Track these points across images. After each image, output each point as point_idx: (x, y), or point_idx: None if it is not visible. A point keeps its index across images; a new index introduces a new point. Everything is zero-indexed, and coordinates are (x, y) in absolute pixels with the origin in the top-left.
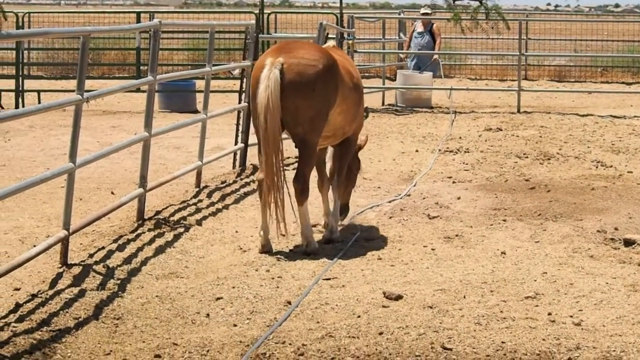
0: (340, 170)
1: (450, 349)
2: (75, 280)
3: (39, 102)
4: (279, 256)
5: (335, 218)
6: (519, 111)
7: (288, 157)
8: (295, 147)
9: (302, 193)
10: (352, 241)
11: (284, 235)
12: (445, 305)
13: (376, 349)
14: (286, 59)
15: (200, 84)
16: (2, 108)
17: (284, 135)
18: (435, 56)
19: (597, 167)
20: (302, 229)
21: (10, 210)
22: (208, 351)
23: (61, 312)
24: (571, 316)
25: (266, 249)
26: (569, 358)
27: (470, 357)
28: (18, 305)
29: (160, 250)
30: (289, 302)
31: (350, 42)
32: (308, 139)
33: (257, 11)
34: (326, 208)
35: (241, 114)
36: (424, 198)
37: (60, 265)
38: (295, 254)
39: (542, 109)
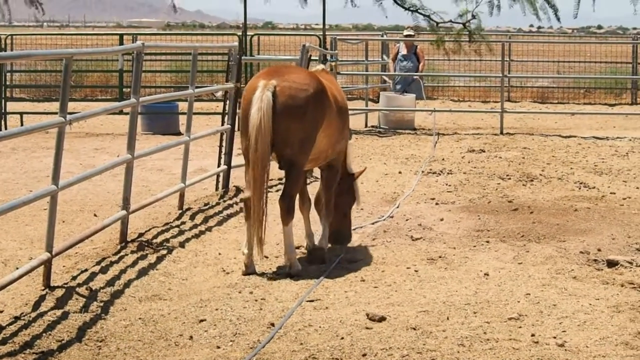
0: (328, 195)
1: None
2: (58, 302)
3: (22, 125)
4: (262, 278)
5: (324, 241)
6: (501, 133)
7: (272, 179)
8: (280, 168)
9: (288, 213)
10: (335, 263)
11: (266, 257)
12: (429, 326)
13: None
14: (279, 82)
15: (183, 106)
16: None
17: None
18: (417, 77)
19: (580, 189)
20: (286, 250)
21: None
22: None
23: (44, 334)
24: (554, 337)
25: (250, 270)
26: None
27: None
28: (1, 328)
29: (143, 273)
30: (273, 324)
31: (333, 63)
32: (296, 160)
33: (240, 33)
34: (307, 229)
35: (224, 136)
36: (407, 220)
37: (43, 288)
38: (278, 276)
39: (525, 130)
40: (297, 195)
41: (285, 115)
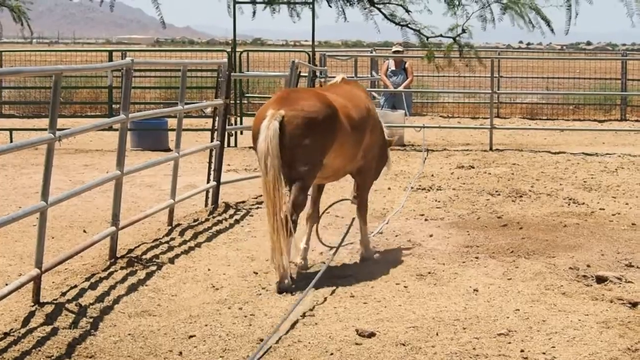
0: (362, 199)
1: None
2: (47, 318)
3: (11, 141)
4: (251, 294)
5: (365, 241)
6: (491, 149)
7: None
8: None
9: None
10: (321, 272)
11: (255, 274)
12: (418, 342)
13: None
14: (287, 111)
15: (172, 123)
16: None
17: None
18: (406, 93)
19: (569, 205)
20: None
21: None
22: None
23: (34, 350)
24: (544, 353)
25: (283, 285)
26: None
27: None
28: None
29: (132, 289)
30: (262, 340)
31: (321, 80)
32: (302, 182)
33: (229, 49)
34: (306, 241)
35: (213, 152)
36: (396, 236)
37: (32, 304)
38: (268, 292)
39: (514, 146)
40: (310, 206)
41: (291, 144)
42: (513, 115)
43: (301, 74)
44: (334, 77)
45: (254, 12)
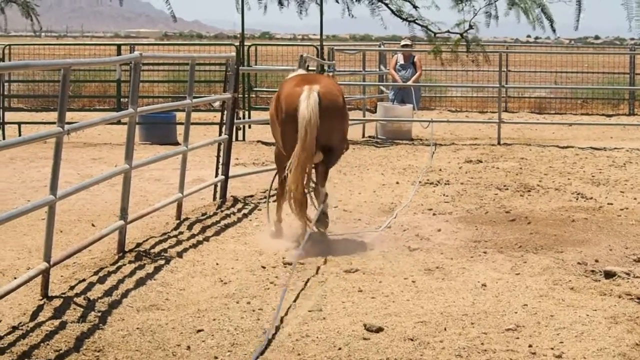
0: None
1: None
2: (56, 312)
3: (20, 135)
4: (259, 288)
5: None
6: (499, 143)
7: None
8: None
9: (324, 179)
10: (307, 236)
11: (263, 268)
12: (426, 337)
13: None
14: (320, 89)
15: (180, 116)
16: None
17: None
18: (415, 86)
19: (577, 199)
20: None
21: None
22: None
23: (42, 344)
24: (552, 348)
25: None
26: None
27: None
28: None
29: (140, 283)
30: (272, 335)
31: (330, 74)
32: (336, 149)
33: (237, 43)
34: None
35: (222, 146)
36: (404, 230)
37: (41, 298)
38: (276, 286)
39: (522, 141)
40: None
41: (329, 116)
42: (521, 110)
43: (309, 68)
44: (342, 71)
45: (265, 7)
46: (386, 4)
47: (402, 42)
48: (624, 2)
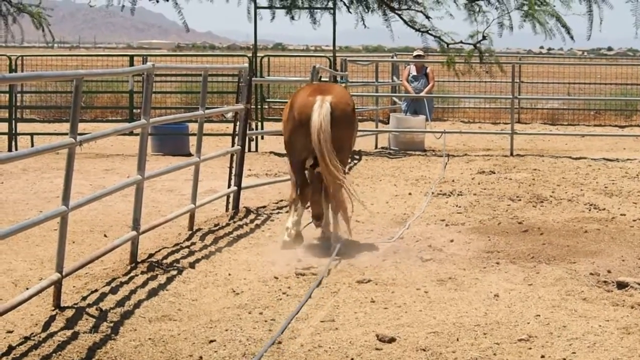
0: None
1: None
2: (68, 323)
3: (32, 145)
4: (272, 299)
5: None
6: (512, 154)
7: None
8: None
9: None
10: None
11: (276, 278)
12: (439, 347)
13: None
14: (332, 99)
15: (193, 127)
16: None
17: None
18: (428, 97)
19: (590, 210)
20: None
21: (3, 253)
22: None
23: (54, 355)
24: (564, 359)
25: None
26: None
27: None
28: (11, 348)
29: (153, 293)
30: (280, 343)
31: (343, 85)
32: (344, 159)
33: (250, 54)
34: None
35: (234, 157)
36: (417, 241)
37: (53, 308)
38: (288, 297)
39: (535, 152)
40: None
41: (339, 126)
42: (534, 121)
43: (322, 79)
44: (355, 82)
45: (273, 16)
46: (399, 14)
47: (415, 53)
48: (633, 8)
